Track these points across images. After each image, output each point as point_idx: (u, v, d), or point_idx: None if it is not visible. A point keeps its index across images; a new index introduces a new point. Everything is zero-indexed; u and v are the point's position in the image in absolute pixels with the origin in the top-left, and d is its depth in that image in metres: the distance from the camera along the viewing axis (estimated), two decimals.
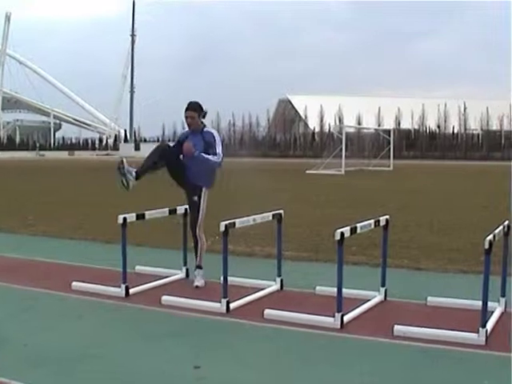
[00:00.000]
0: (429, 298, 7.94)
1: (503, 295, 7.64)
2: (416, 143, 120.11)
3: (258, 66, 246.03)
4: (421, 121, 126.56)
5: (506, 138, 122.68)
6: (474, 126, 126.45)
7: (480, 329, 6.44)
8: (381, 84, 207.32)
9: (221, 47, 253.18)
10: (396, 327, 6.71)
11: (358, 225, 7.36)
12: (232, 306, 7.68)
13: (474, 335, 6.46)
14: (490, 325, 6.77)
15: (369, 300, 7.94)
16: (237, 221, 7.78)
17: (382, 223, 7.98)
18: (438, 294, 8.14)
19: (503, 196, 24.32)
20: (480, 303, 6.51)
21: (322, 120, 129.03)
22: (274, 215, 8.58)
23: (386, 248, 8.17)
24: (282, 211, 8.63)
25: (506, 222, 7.55)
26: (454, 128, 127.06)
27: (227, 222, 7.52)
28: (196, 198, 8.93)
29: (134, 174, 8.60)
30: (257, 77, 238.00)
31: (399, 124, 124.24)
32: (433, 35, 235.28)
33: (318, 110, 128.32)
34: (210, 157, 8.73)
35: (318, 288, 8.48)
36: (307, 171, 47.17)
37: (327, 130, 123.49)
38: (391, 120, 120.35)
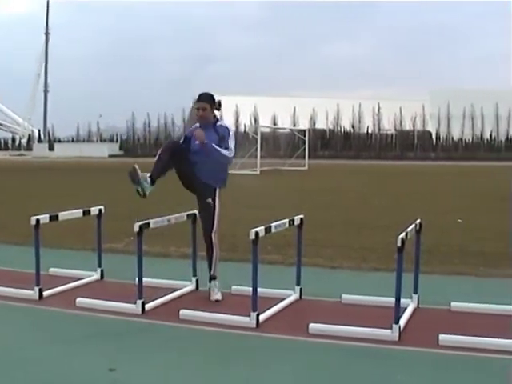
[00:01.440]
0: (343, 296, 8.03)
1: (415, 292, 7.78)
2: (331, 143, 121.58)
3: (173, 66, 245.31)
4: (335, 121, 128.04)
5: (418, 138, 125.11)
6: (388, 126, 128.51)
7: (393, 325, 6.54)
8: (296, 85, 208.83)
9: (137, 48, 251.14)
10: (311, 325, 6.76)
11: (273, 224, 7.40)
12: (147, 306, 7.62)
13: (387, 331, 6.56)
14: (403, 321, 6.89)
15: (284, 299, 7.97)
16: (151, 221, 7.73)
17: (297, 222, 8.04)
18: (352, 291, 8.23)
19: (415, 195, 24.83)
20: (393, 300, 6.61)
21: (237, 120, 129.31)
22: (188, 215, 8.55)
23: (301, 247, 8.23)
24: (196, 211, 8.60)
25: (418, 221, 7.69)
26: (368, 128, 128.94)
27: (141, 223, 7.46)
28: (210, 200, 8.22)
29: (148, 180, 7.87)
30: (172, 77, 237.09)
31: (314, 124, 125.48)
32: (347, 38, 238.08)
33: (233, 110, 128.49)
34: (221, 150, 8.00)
35: (233, 288, 8.48)
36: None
37: (243, 130, 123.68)
38: (306, 120, 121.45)
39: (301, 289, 8.18)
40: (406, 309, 7.38)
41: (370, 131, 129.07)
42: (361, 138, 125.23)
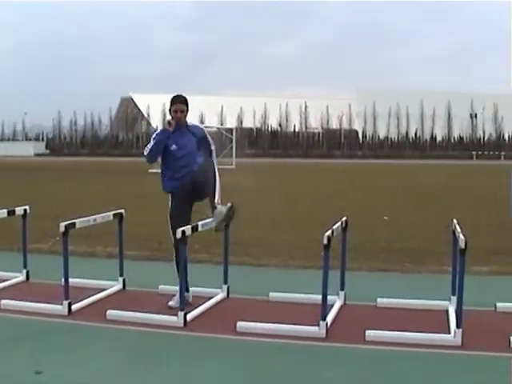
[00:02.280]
0: (271, 294, 8.06)
1: (342, 289, 7.86)
2: (258, 142, 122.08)
3: (101, 65, 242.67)
4: (263, 120, 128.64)
5: (345, 136, 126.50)
6: (315, 124, 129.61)
7: (320, 322, 6.59)
8: (224, 83, 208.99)
9: (65, 46, 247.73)
10: (239, 323, 6.77)
11: (200, 223, 7.39)
12: (74, 307, 7.52)
13: (314, 328, 6.60)
14: (330, 318, 6.95)
15: (212, 297, 7.97)
16: (77, 221, 7.63)
17: None
18: (279, 289, 8.27)
19: (342, 193, 25.08)
20: (320, 297, 6.66)
21: (164, 118, 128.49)
22: (114, 215, 8.47)
23: (228, 245, 8.23)
24: (123, 211, 8.53)
25: (344, 218, 7.77)
26: (295, 127, 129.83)
27: (67, 223, 7.36)
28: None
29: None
30: (99, 76, 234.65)
31: (241, 123, 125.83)
32: (275, 37, 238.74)
33: (160, 108, 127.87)
34: (215, 160, 8.13)
35: (160, 287, 8.43)
36: (150, 170, 46.81)
37: None
38: (234, 119, 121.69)
39: (228, 287, 8.19)
40: (333, 306, 7.45)
41: (297, 130, 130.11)
42: (288, 137, 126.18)
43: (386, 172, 50.38)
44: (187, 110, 8.13)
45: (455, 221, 7.28)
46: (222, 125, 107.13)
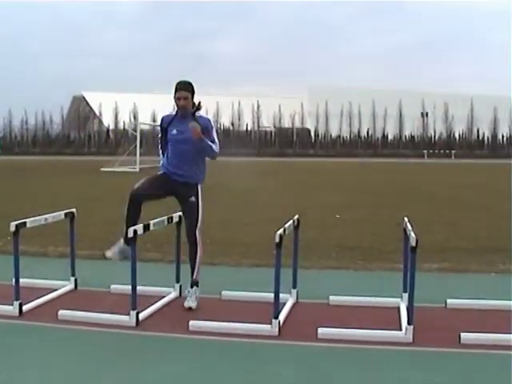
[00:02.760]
0: (223, 292, 8.06)
1: (294, 287, 7.89)
2: None
3: (51, 63, 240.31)
4: (215, 118, 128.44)
5: (297, 134, 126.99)
6: (267, 123, 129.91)
7: (273, 320, 6.61)
8: (176, 82, 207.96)
9: (12, 44, 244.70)
10: (191, 322, 6.76)
11: (151, 222, 7.37)
12: (25, 308, 7.42)
13: (267, 326, 6.62)
14: (282, 316, 6.97)
15: (164, 297, 7.94)
16: (28, 221, 7.54)
17: (176, 220, 8.02)
18: (232, 288, 8.28)
19: (294, 191, 25.16)
20: (273, 295, 6.68)
21: (116, 117, 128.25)
22: (66, 214, 8.38)
23: (180, 244, 8.21)
24: (74, 210, 8.46)
25: (296, 216, 7.80)
26: (247, 125, 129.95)
27: (17, 222, 7.28)
28: (193, 199, 7.82)
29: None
30: (50, 74, 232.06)
31: None
32: (227, 35, 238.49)
33: (112, 107, 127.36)
34: (213, 146, 7.73)
35: (112, 286, 8.38)
36: (102, 169, 46.61)
37: (122, 127, 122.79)
38: None
39: (180, 286, 8.17)
40: (285, 304, 7.47)
41: (249, 128, 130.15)
42: (240, 135, 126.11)
43: (338, 170, 50.69)
44: (192, 96, 7.87)
45: (406, 219, 7.35)
46: None
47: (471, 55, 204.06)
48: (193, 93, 7.87)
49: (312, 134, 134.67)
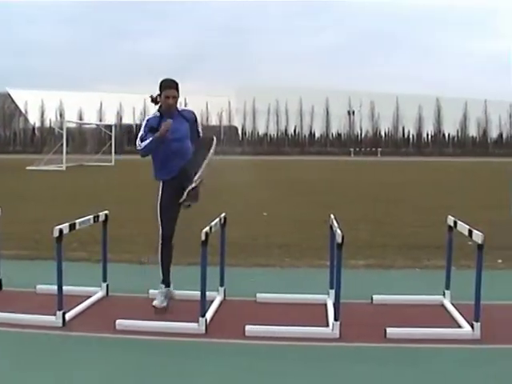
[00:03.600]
0: (151, 291, 8.00)
1: (222, 285, 7.90)
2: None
3: None
4: (142, 116, 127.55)
5: (225, 132, 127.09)
6: None
7: (200, 318, 6.60)
8: (103, 79, 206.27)
9: None
10: (118, 322, 6.70)
11: (77, 221, 7.27)
12: None
13: (194, 325, 6.61)
14: (209, 314, 6.98)
15: (91, 296, 7.86)
16: None
17: (102, 218, 7.95)
18: (158, 286, 8.22)
19: (221, 189, 25.14)
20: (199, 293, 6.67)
21: (42, 115, 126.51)
22: None
23: (107, 243, 8.14)
24: None
25: (223, 214, 7.81)
26: None
27: None
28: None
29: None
30: None
31: (121, 119, 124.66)
32: (154, 33, 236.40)
33: (38, 104, 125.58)
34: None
35: (38, 287, 8.25)
36: (28, 167, 45.92)
37: (48, 125, 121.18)
38: (113, 115, 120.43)
39: (107, 285, 8.09)
40: (212, 302, 7.47)
41: None
42: None
43: (265, 168, 50.84)
44: (178, 95, 7.65)
45: (332, 216, 7.42)
46: (101, 121, 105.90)
47: (398, 55, 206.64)
48: (179, 92, 7.65)
49: (239, 131, 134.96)
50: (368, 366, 5.80)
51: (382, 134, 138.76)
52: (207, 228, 6.66)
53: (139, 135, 7.63)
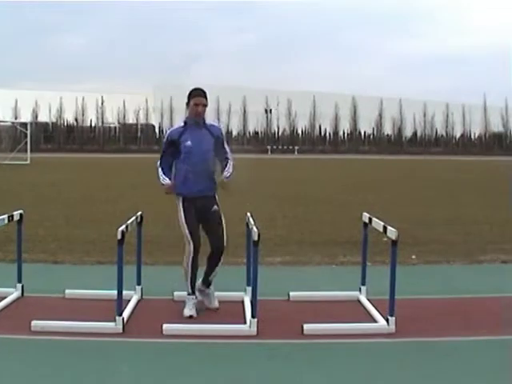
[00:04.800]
0: (67, 291, 7.91)
1: (139, 283, 7.86)
2: (54, 136, 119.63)
3: None
4: (58, 114, 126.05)
5: (142, 131, 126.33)
6: (112, 119, 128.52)
7: (117, 317, 6.56)
8: (18, 76, 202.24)
9: None
10: (34, 322, 6.60)
11: None
12: None
13: (111, 324, 6.56)
14: (126, 313, 6.93)
15: (5, 297, 7.72)
16: None
17: (16, 218, 7.81)
18: (76, 286, 8.15)
19: (136, 188, 25.02)
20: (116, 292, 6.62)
21: None
22: None
23: (21, 243, 8.00)
24: None
25: (139, 213, 7.76)
26: (91, 121, 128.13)
27: None
28: (216, 207, 7.55)
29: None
30: None
31: (37, 117, 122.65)
32: (71, 29, 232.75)
33: None
34: (231, 167, 7.61)
35: None
36: None
37: None
38: (28, 113, 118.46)
39: (23, 286, 7.95)
40: (129, 301, 7.43)
41: (93, 124, 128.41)
42: (84, 131, 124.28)
43: None
44: (207, 103, 7.62)
45: (249, 214, 7.45)
46: (16, 119, 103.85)
47: (314, 53, 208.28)
48: (207, 101, 7.65)
49: (156, 130, 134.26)
50: (285, 362, 5.85)
51: (299, 131, 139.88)
52: (123, 226, 6.62)
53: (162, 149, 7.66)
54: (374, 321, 6.96)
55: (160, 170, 7.52)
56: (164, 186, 7.46)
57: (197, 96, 7.53)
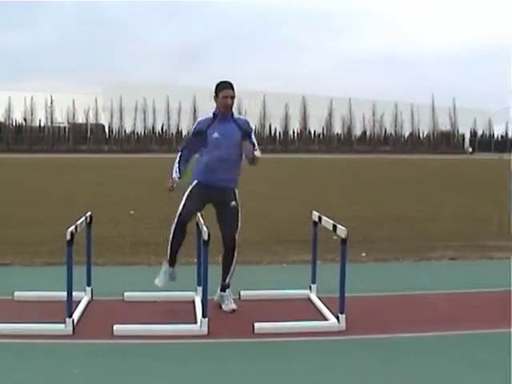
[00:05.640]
0: (16, 293, 7.83)
1: (89, 284, 7.81)
2: (2, 137, 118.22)
3: None
4: (7, 114, 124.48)
5: (91, 130, 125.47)
6: (61, 119, 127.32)
7: (67, 319, 6.51)
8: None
9: None
10: None
11: None
12: None
13: (60, 326, 6.51)
14: (76, 314, 6.89)
15: None
16: None
17: None
18: (25, 288, 8.05)
19: (85, 188, 24.85)
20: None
21: None
22: None
23: None
24: None
25: (89, 213, 7.71)
26: (40, 121, 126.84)
27: None
28: (234, 203, 7.54)
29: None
30: None
31: None
32: (17, 27, 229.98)
33: None
34: (259, 153, 7.60)
35: None
36: None
37: None
38: None
39: None
40: (80, 302, 7.38)
41: (42, 124, 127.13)
42: (33, 131, 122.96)
43: (131, 166, 50.44)
44: (235, 95, 7.54)
45: (199, 214, 7.45)
46: None
47: (264, 53, 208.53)
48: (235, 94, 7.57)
49: (106, 129, 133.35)
50: (237, 361, 5.87)
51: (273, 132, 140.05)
52: (72, 227, 6.57)
53: (188, 136, 7.81)
54: (325, 319, 7.01)
55: (177, 163, 7.65)
56: (170, 181, 7.58)
57: (225, 88, 7.49)
